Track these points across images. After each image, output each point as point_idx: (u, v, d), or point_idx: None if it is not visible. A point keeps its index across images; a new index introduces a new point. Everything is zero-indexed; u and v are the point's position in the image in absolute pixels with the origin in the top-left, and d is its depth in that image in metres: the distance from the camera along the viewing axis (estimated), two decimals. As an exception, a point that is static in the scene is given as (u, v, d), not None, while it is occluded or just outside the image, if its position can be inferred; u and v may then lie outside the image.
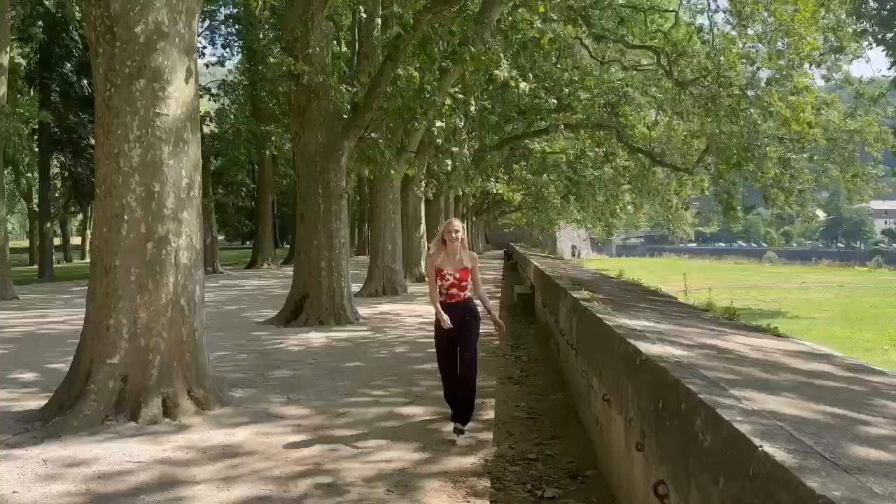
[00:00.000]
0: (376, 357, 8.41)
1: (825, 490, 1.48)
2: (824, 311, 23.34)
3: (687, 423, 2.32)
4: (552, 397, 6.47)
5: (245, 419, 5.55)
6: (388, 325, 11.33)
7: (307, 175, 11.39)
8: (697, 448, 2.19)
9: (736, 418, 1.99)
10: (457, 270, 5.06)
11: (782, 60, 16.66)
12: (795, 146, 18.54)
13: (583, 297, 6.36)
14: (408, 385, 6.80)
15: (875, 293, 29.94)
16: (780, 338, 4.75)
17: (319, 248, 11.30)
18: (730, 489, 1.89)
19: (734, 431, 1.91)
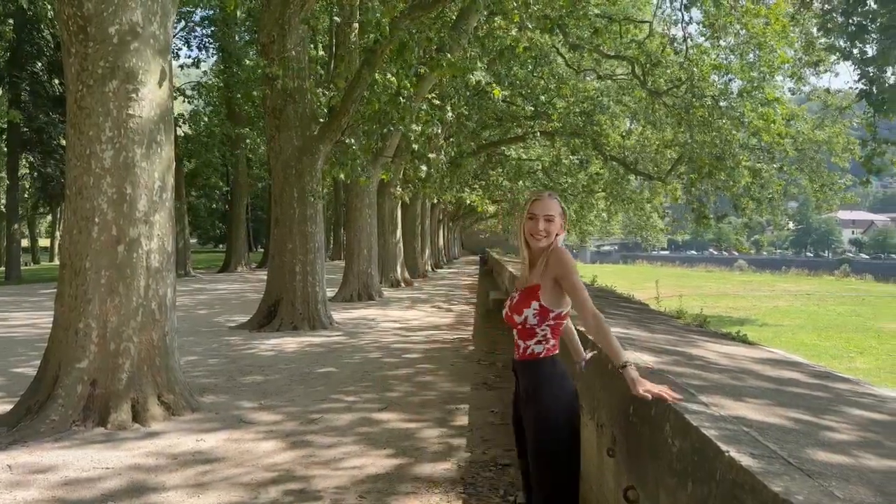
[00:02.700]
0: (350, 362, 8.36)
1: (788, 494, 1.51)
2: (793, 318, 23.78)
3: (657, 429, 2.36)
4: (526, 403, 6.50)
5: (216, 425, 5.49)
6: (363, 331, 11.29)
7: (282, 178, 11.32)
8: (667, 453, 2.22)
9: (704, 424, 2.03)
10: (516, 295, 2.84)
11: (754, 72, 17.02)
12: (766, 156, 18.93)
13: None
14: (381, 391, 6.78)
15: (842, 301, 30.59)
16: (749, 345, 4.84)
17: (294, 251, 11.23)
18: (697, 493, 1.93)
19: (702, 437, 1.94)
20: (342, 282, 17.00)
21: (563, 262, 2.69)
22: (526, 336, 2.79)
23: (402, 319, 13.00)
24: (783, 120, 17.35)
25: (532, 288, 2.75)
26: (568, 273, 2.66)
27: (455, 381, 7.37)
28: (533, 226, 2.78)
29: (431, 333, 11.19)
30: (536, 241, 2.78)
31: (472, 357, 9.01)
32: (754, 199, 19.20)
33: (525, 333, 2.78)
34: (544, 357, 2.76)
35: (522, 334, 2.80)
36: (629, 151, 22.22)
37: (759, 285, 42.86)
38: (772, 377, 3.27)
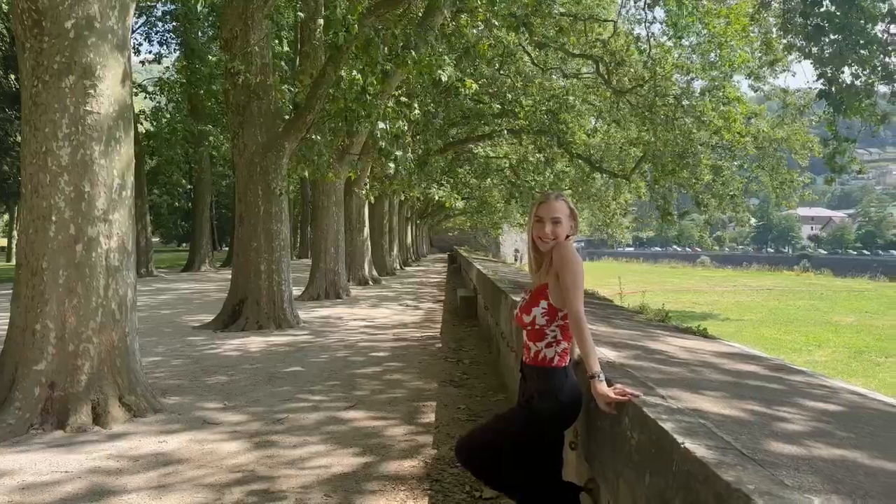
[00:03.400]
0: (317, 361, 8.32)
1: (739, 483, 1.56)
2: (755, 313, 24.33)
3: (616, 422, 2.41)
4: (493, 399, 6.54)
5: (179, 426, 5.42)
6: (330, 329, 11.23)
7: (246, 176, 11.20)
8: (625, 446, 2.27)
9: (661, 416, 2.08)
10: (527, 297, 2.86)
11: (715, 71, 17.34)
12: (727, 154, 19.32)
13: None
14: (349, 389, 6.76)
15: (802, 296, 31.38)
16: (708, 339, 4.95)
17: (259, 250, 11.12)
18: (654, 485, 1.97)
19: (659, 429, 1.99)
20: (309, 280, 16.88)
21: (563, 256, 2.67)
22: (536, 337, 2.76)
23: (369, 318, 12.96)
24: (743, 118, 17.73)
25: (540, 287, 2.76)
26: (564, 266, 2.64)
27: (422, 378, 7.38)
28: (540, 229, 2.76)
29: (399, 331, 11.18)
30: (544, 244, 2.76)
31: (440, 354, 9.03)
32: (716, 197, 19.59)
33: (535, 335, 2.76)
34: (557, 367, 2.71)
35: (532, 335, 2.77)
36: (594, 150, 22.46)
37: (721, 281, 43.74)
38: (730, 370, 3.36)
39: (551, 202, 2.79)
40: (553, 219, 2.75)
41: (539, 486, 2.80)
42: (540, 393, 2.72)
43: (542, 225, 2.76)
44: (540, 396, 2.71)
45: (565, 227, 2.77)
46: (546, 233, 2.74)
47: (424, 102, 16.95)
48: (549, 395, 2.69)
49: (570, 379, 2.75)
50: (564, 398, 2.69)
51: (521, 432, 2.77)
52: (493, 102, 18.91)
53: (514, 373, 5.94)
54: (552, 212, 2.76)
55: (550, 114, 19.31)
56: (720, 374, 3.19)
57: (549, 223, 2.75)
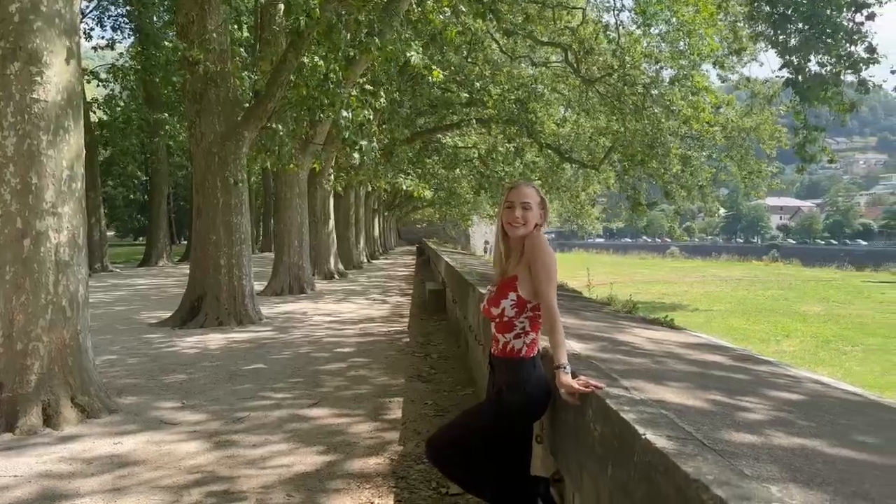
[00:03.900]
0: (279, 358, 8.27)
1: (699, 474, 1.60)
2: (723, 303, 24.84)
3: (580, 415, 2.44)
4: (461, 394, 6.58)
5: (135, 427, 5.34)
6: (294, 325, 11.17)
7: (204, 166, 11.03)
8: (589, 438, 2.31)
9: (623, 408, 2.12)
10: (494, 288, 2.89)
11: (683, 60, 17.58)
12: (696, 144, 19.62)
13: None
14: (312, 386, 6.74)
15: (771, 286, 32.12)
16: (675, 330, 5.04)
17: (218, 243, 10.98)
18: (617, 476, 2.01)
19: (621, 420, 2.03)
20: (272, 274, 16.73)
21: (535, 246, 2.71)
22: (504, 329, 2.81)
23: (335, 312, 12.92)
24: (711, 108, 18.02)
25: (510, 279, 2.79)
26: (537, 257, 2.68)
27: (389, 374, 7.40)
28: (510, 214, 2.79)
29: (366, 326, 11.17)
30: (514, 230, 2.79)
31: (407, 349, 9.04)
32: (685, 187, 19.90)
33: (503, 326, 2.81)
34: (525, 357, 2.78)
35: (500, 327, 2.83)
36: (564, 139, 22.61)
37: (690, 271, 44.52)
38: (695, 361, 3.42)
39: (521, 188, 2.85)
40: (523, 203, 2.79)
41: (510, 481, 2.85)
42: (509, 385, 2.76)
43: (511, 210, 2.80)
44: (509, 389, 2.76)
45: (535, 214, 2.81)
46: (516, 217, 2.78)
47: (390, 91, 16.85)
48: (517, 387, 2.74)
49: (538, 370, 2.80)
50: (532, 389, 2.74)
51: (491, 426, 2.81)
52: (461, 91, 18.89)
53: (483, 367, 5.98)
54: (522, 196, 2.81)
55: (519, 103, 19.38)
56: (685, 365, 3.26)
57: (518, 207, 2.79)
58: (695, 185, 20.39)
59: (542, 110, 20.33)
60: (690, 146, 19.98)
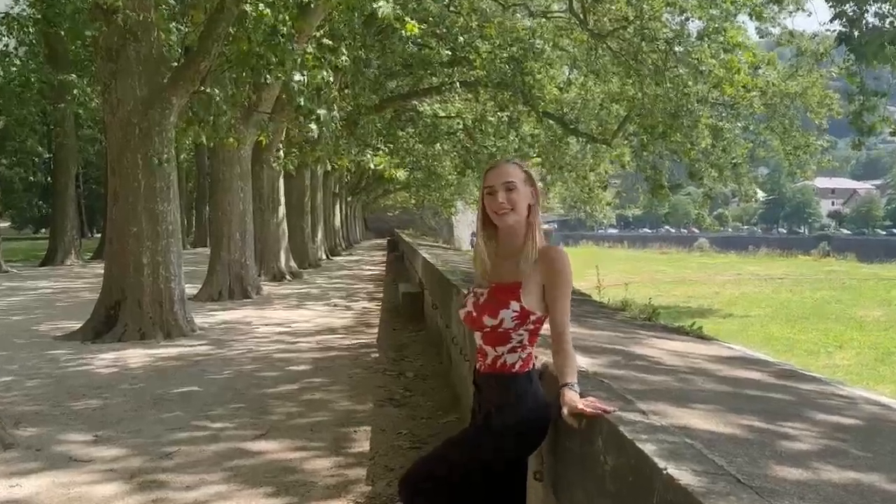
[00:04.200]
0: (218, 379, 8.24)
1: (732, 516, 1.61)
2: (763, 307, 25.07)
3: (587, 444, 2.45)
4: (442, 421, 6.59)
5: (37, 465, 5.29)
6: (235, 338, 11.13)
7: (122, 140, 10.93)
8: (598, 471, 2.32)
9: (640, 436, 2.12)
10: (484, 292, 2.88)
11: (714, 10, 17.65)
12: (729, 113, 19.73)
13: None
14: (259, 414, 6.72)
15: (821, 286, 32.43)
16: (704, 340, 5.08)
17: (140, 236, 10.90)
18: (633, 520, 2.02)
19: (637, 451, 2.03)
20: (207, 275, 16.62)
21: (556, 262, 2.77)
22: (496, 341, 2.83)
23: (286, 322, 12.88)
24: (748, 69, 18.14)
25: (510, 286, 2.80)
26: (557, 275, 2.76)
27: (354, 397, 7.39)
28: (492, 201, 2.81)
29: (325, 338, 11.15)
30: (503, 218, 2.81)
31: (376, 367, 9.05)
32: (715, 166, 20.03)
33: (495, 338, 2.83)
34: (519, 372, 2.80)
35: (492, 339, 2.84)
36: (568, 107, 22.68)
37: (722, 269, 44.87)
38: (728, 378, 3.45)
39: (500, 167, 2.87)
40: (505, 184, 2.80)
41: None
42: (498, 407, 2.76)
43: (493, 196, 2.81)
44: (499, 411, 2.76)
45: (523, 194, 2.81)
46: (501, 203, 2.78)
47: (354, 47, 16.79)
48: (510, 408, 2.75)
49: (535, 387, 2.81)
50: (528, 412, 2.75)
51: (477, 458, 2.81)
52: (442, 48, 18.86)
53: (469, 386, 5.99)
54: (503, 176, 2.81)
55: (513, 62, 19.38)
56: (715, 384, 3.28)
57: (501, 190, 2.79)
58: (728, 164, 20.52)
59: (541, 71, 20.35)
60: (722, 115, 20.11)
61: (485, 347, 2.86)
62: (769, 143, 22.71)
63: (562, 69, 23.01)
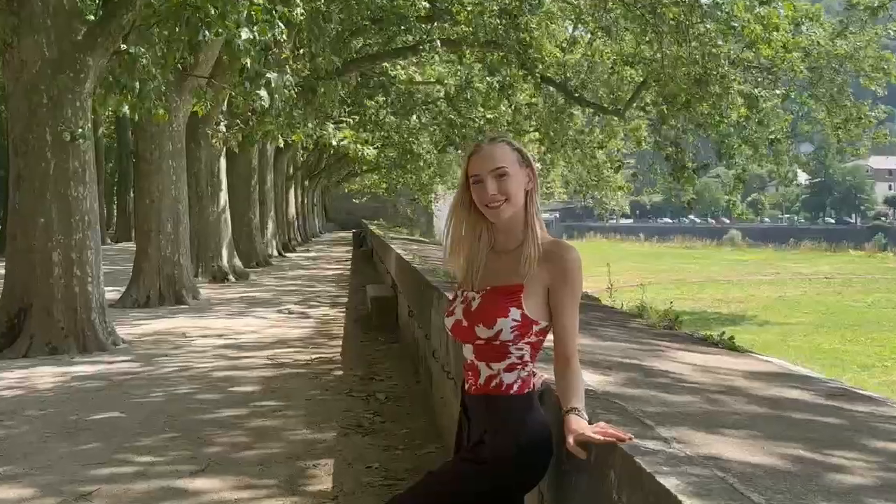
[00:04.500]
0: (145, 403, 8.20)
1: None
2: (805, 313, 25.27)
3: (598, 479, 2.45)
4: (421, 452, 6.59)
5: (-78, 511, 5.26)
6: (167, 353, 11.10)
7: (26, 112, 10.86)
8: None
9: (661, 469, 2.12)
10: (477, 297, 2.85)
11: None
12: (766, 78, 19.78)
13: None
14: (196, 445, 6.68)
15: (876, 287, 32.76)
16: (736, 353, 5.09)
17: (49, 229, 10.83)
18: (652, 572, 2.02)
19: (658, 487, 2.03)
20: (133, 276, 16.55)
21: (569, 270, 2.76)
22: (492, 356, 2.81)
23: (230, 333, 12.86)
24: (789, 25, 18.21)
25: (510, 290, 2.78)
26: (569, 287, 2.76)
27: (313, 424, 7.37)
28: (481, 192, 2.77)
29: (277, 353, 11.12)
30: (497, 212, 2.77)
31: (340, 387, 9.03)
32: (750, 142, 20.09)
33: (490, 352, 2.81)
34: (518, 394, 2.79)
35: (485, 353, 2.82)
36: (573, 72, 22.71)
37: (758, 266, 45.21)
38: (765, 398, 3.46)
39: (486, 150, 2.81)
40: (496, 171, 2.75)
41: None
42: (492, 434, 2.74)
43: (482, 187, 2.76)
44: (492, 440, 2.74)
45: (518, 180, 2.78)
46: (492, 196, 2.74)
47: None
48: (505, 435, 2.72)
49: (536, 411, 2.79)
50: (527, 441, 2.72)
51: (466, 496, 2.79)
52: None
53: (453, 409, 5.98)
54: (491, 162, 2.77)
55: (506, 17, 19.39)
56: (751, 405, 3.29)
57: (491, 180, 2.75)
58: (764, 140, 20.60)
59: (539, 27, 20.38)
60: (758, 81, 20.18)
61: (476, 364, 2.84)
62: (814, 114, 22.78)
63: (564, 25, 23.05)
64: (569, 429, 2.55)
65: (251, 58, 11.28)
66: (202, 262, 20.14)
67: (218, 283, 20.26)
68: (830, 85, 21.49)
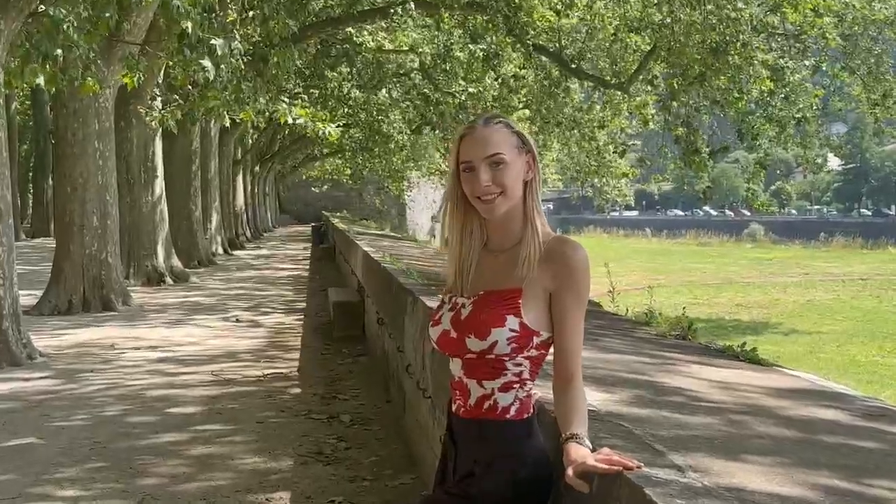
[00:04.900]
0: (68, 427, 8.17)
1: None
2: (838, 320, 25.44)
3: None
4: (393, 483, 6.60)
5: None
6: (93, 368, 11.07)
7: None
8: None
9: (674, 502, 2.13)
10: (467, 303, 2.83)
11: None
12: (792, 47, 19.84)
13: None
14: (128, 476, 6.67)
15: (919, 291, 32.99)
16: (760, 367, 5.12)
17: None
18: None
19: (672, 525, 2.04)
20: (51, 277, 16.46)
21: (575, 270, 2.71)
22: (484, 373, 2.76)
23: (167, 344, 12.84)
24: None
25: (506, 295, 2.74)
26: (574, 292, 2.71)
27: (265, 451, 7.37)
28: (473, 182, 2.73)
29: (223, 368, 11.12)
30: (490, 207, 2.74)
31: (298, 408, 9.04)
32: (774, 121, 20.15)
33: (483, 368, 2.76)
34: (516, 418, 2.75)
35: (477, 370, 2.77)
36: (569, 39, 22.71)
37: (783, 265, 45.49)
38: (794, 420, 3.48)
39: (480, 133, 2.76)
40: (491, 158, 2.71)
41: None
42: (484, 466, 2.72)
43: (474, 176, 2.73)
44: (486, 472, 2.72)
45: (516, 169, 2.75)
46: (486, 187, 2.70)
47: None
48: (499, 469, 2.71)
49: (535, 439, 2.76)
50: (525, 472, 2.70)
51: None
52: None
53: (430, 433, 5.98)
54: (486, 147, 2.73)
55: (491, -27, 19.40)
56: (778, 427, 3.31)
57: (484, 169, 2.71)
58: (791, 118, 20.65)
59: (530, -13, 20.40)
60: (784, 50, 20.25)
61: (466, 382, 2.79)
62: (848, 90, 22.87)
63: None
64: (568, 459, 2.51)
65: (192, 21, 11.22)
66: (134, 261, 20.04)
67: (153, 285, 20.18)
68: (867, 55, 21.53)
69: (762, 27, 19.00)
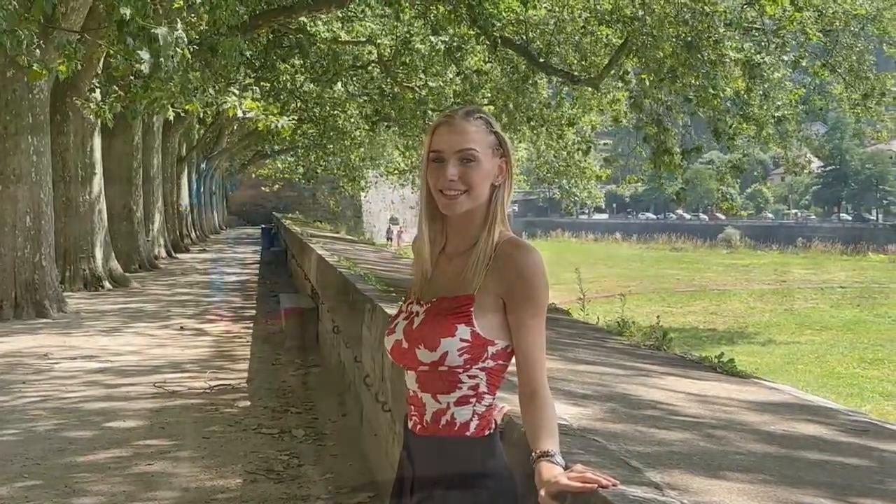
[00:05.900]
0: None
1: None
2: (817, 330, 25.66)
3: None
4: (349, 503, 6.58)
5: None
6: (24, 379, 10.99)
7: None
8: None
9: (652, 523, 2.14)
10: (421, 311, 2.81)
11: None
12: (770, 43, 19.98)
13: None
14: (63, 496, 6.63)
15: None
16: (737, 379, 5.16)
17: None
18: None
19: (649, 546, 2.04)
20: (-21, 282, 16.32)
21: (527, 275, 2.66)
22: (438, 387, 2.72)
23: (105, 354, 12.77)
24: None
25: (458, 302, 2.71)
26: (529, 297, 2.66)
27: (212, 468, 7.34)
28: (439, 175, 2.71)
29: (166, 379, 11.05)
30: (451, 203, 2.71)
31: (248, 422, 9.01)
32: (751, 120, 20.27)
33: (436, 382, 2.72)
34: (476, 435, 2.71)
35: (430, 383, 2.74)
36: (536, 31, 22.77)
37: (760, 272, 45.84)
38: (775, 435, 3.51)
39: (457, 125, 2.74)
40: (462, 153, 2.69)
41: None
42: (443, 489, 2.70)
43: (442, 169, 2.70)
44: (444, 496, 2.71)
45: (487, 170, 2.72)
46: (451, 181, 2.67)
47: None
48: (461, 492, 2.68)
49: (499, 458, 2.73)
50: (488, 496, 2.67)
51: None
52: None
53: (390, 449, 5.97)
54: (460, 140, 2.71)
55: (454, -38, 19.45)
56: (757, 442, 3.33)
57: (454, 162, 2.69)
58: (768, 118, 20.78)
59: (495, -24, 20.45)
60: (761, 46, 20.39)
61: (421, 396, 2.76)
62: (828, 88, 23.04)
63: (526, -27, 23.13)
64: (541, 480, 2.46)
65: (133, 7, 11.16)
66: (70, 264, 19.88)
67: (90, 290, 20.03)
68: (848, 52, 21.70)
69: (738, 22, 19.11)
